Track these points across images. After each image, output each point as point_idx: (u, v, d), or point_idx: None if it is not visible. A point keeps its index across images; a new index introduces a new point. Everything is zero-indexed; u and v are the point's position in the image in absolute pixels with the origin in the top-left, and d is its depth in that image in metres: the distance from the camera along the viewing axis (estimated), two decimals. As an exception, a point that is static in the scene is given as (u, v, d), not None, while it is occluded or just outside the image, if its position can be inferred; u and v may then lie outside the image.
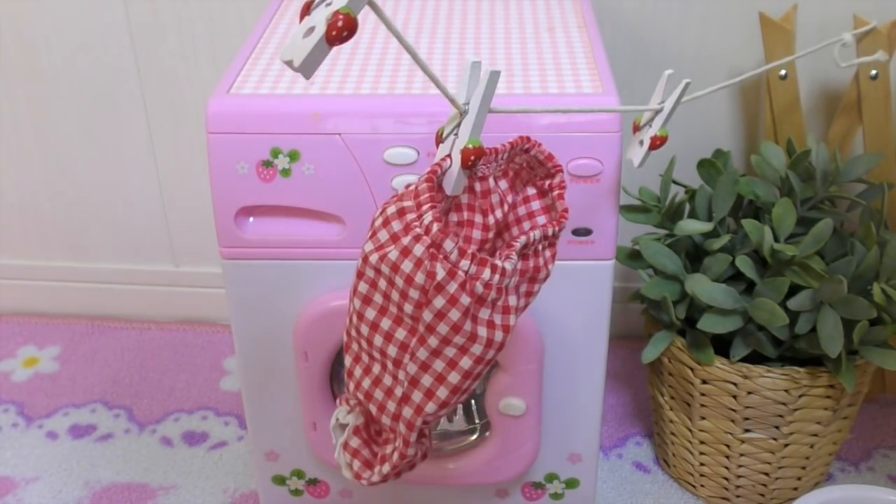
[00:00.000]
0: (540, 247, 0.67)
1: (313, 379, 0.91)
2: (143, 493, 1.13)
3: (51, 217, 1.42)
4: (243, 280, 0.88)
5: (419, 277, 0.61)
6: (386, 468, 0.71)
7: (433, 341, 0.63)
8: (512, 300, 0.65)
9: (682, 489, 1.14)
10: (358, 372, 0.70)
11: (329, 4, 0.52)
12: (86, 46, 1.27)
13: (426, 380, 0.65)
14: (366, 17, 1.00)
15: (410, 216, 0.62)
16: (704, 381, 1.02)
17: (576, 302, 0.88)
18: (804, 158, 1.02)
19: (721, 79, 1.21)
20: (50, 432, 1.23)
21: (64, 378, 1.34)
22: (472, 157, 0.63)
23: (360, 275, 0.65)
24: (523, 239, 0.64)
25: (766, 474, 1.07)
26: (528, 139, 0.68)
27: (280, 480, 1.01)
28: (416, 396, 0.66)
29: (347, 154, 0.81)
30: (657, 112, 0.75)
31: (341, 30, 0.51)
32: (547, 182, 0.70)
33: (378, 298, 0.65)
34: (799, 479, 1.08)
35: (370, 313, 0.66)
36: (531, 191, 0.71)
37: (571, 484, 1.01)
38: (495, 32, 0.96)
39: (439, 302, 0.61)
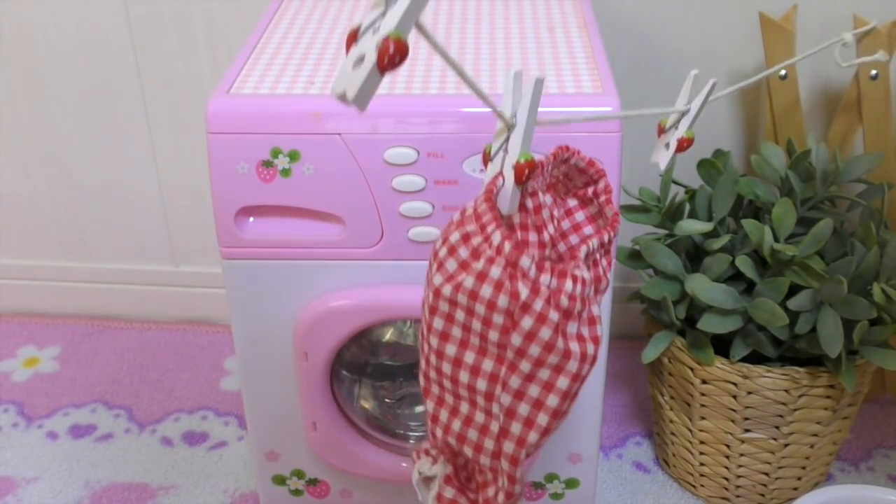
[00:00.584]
0: (598, 255, 0.64)
1: (313, 379, 0.91)
2: (143, 493, 1.13)
3: (51, 217, 1.42)
4: (243, 280, 0.88)
5: (502, 300, 0.58)
6: None
7: (525, 366, 0.60)
8: (595, 310, 0.62)
9: (682, 489, 1.14)
10: (444, 415, 0.65)
11: (377, 30, 0.49)
12: (86, 46, 1.27)
13: (523, 408, 0.61)
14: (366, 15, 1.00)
15: (476, 240, 0.59)
16: (704, 381, 1.02)
17: (576, 302, 0.88)
18: (804, 158, 1.02)
19: (721, 78, 1.21)
20: (50, 432, 1.23)
21: (64, 378, 1.34)
22: (527, 171, 0.60)
23: (433, 310, 0.61)
24: (584, 248, 0.61)
25: (766, 474, 1.07)
26: (568, 148, 0.65)
27: (280, 480, 1.01)
28: (516, 428, 0.62)
29: (347, 154, 0.81)
30: (683, 114, 0.74)
31: (393, 56, 0.48)
32: (590, 189, 0.67)
33: (457, 332, 0.61)
34: (799, 479, 1.08)
35: (450, 349, 0.62)
36: (572, 202, 0.69)
37: (571, 484, 1.01)
38: (495, 32, 0.96)
39: (527, 322, 0.58)
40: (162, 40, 1.25)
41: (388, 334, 1.06)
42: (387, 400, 1.06)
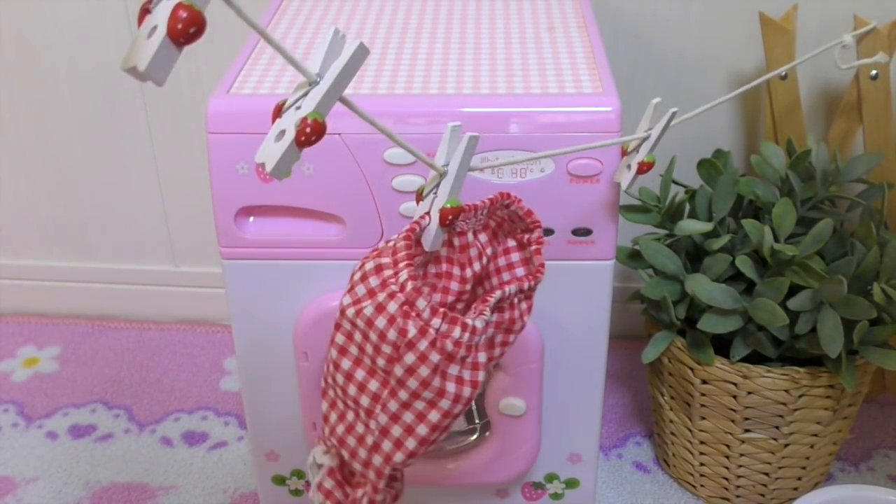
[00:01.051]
0: (516, 300, 0.69)
1: (313, 379, 0.91)
2: (143, 493, 1.13)
3: (51, 217, 1.42)
4: (243, 280, 0.88)
5: (391, 334, 0.63)
6: None
7: (403, 395, 0.65)
8: (481, 357, 0.66)
9: (682, 489, 1.14)
10: (333, 417, 0.71)
11: (299, 108, 0.52)
12: (86, 46, 1.27)
13: (396, 430, 0.67)
14: (366, 15, 1.00)
15: (387, 272, 0.64)
16: (704, 381, 1.02)
17: (576, 302, 0.88)
18: (804, 158, 1.02)
19: (720, 78, 1.21)
20: (50, 432, 1.23)
21: (64, 378, 1.34)
22: (450, 217, 0.65)
23: (337, 326, 0.67)
24: (498, 294, 0.66)
25: (766, 474, 1.07)
26: (509, 195, 0.69)
27: (280, 480, 1.01)
28: (386, 446, 0.67)
29: (347, 154, 0.81)
30: (644, 139, 0.77)
31: (310, 135, 0.51)
32: (526, 236, 0.72)
33: (353, 350, 0.67)
34: (799, 479, 1.08)
35: (345, 364, 0.68)
36: (511, 242, 0.73)
37: (571, 484, 1.01)
38: (495, 32, 0.96)
39: (410, 358, 0.63)
40: (162, 40, 1.25)
41: (388, 334, 1.06)
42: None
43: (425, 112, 0.81)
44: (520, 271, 0.73)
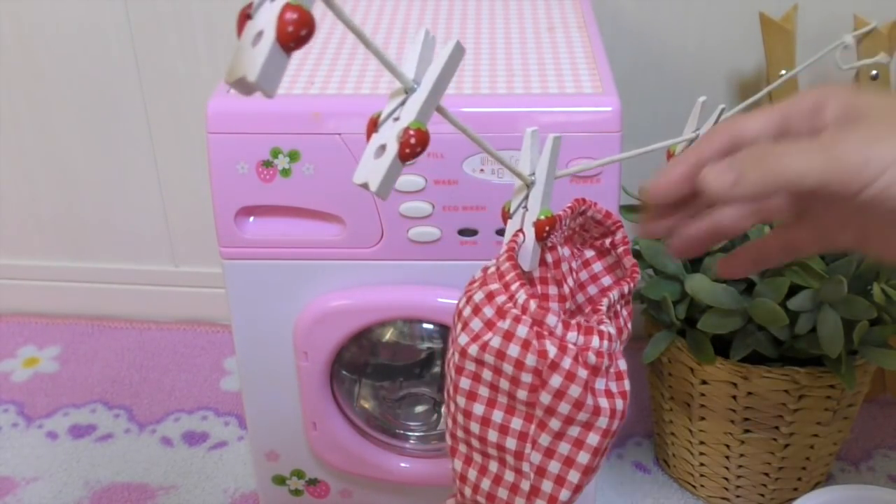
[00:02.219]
0: (618, 307, 0.64)
1: (313, 379, 0.91)
2: (143, 493, 1.13)
3: (51, 217, 1.42)
4: (243, 280, 0.88)
5: (529, 359, 0.57)
6: None
7: (555, 424, 0.60)
8: (622, 364, 0.61)
9: (682, 489, 1.14)
10: (472, 475, 0.65)
11: (397, 119, 0.49)
12: (86, 46, 1.27)
13: (554, 466, 0.61)
14: (366, 15, 1.00)
15: (501, 299, 0.58)
16: (704, 382, 1.02)
17: (576, 302, 0.88)
18: (804, 158, 1.02)
19: (721, 78, 1.21)
20: (50, 432, 1.23)
21: (64, 378, 1.34)
22: (547, 228, 0.61)
23: (459, 370, 0.61)
24: (606, 301, 0.61)
25: (766, 474, 1.07)
26: (585, 201, 0.65)
27: (280, 480, 1.01)
28: (547, 486, 0.62)
29: (347, 154, 0.81)
30: (692, 140, 0.74)
31: (415, 146, 0.48)
32: (607, 240, 0.67)
33: (484, 391, 0.61)
34: (799, 479, 1.08)
35: (478, 409, 0.62)
36: (589, 253, 0.69)
37: (571, 484, 1.01)
38: (495, 32, 0.96)
39: (556, 381, 0.58)
40: (162, 40, 1.25)
41: (388, 334, 1.06)
42: (387, 400, 1.06)
43: (425, 112, 0.80)
44: (606, 280, 0.68)
